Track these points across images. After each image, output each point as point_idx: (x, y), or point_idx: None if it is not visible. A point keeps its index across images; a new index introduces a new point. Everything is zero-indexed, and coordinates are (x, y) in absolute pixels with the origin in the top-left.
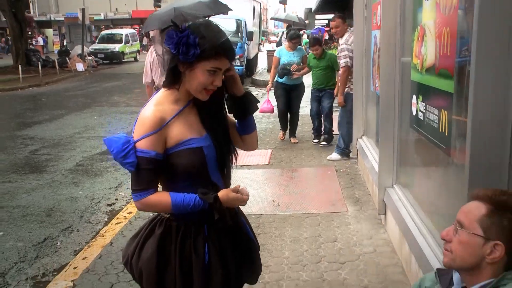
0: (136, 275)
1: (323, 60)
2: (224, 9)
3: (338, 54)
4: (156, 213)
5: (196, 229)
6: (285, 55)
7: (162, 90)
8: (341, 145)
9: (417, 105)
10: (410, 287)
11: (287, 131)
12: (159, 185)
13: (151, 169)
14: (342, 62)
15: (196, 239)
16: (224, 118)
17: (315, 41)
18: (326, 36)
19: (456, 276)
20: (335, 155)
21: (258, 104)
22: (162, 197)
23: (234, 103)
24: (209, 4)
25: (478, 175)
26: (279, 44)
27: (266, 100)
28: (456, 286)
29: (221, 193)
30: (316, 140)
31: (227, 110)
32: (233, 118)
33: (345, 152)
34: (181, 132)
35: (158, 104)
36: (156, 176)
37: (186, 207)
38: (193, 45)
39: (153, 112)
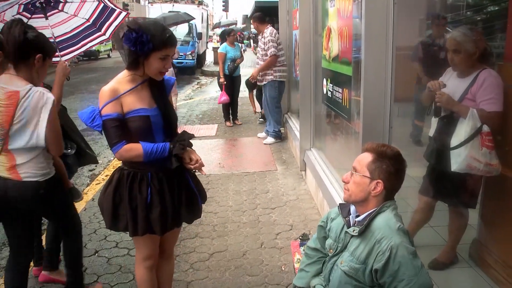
0: (101, 211)
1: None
2: (191, 18)
3: (263, 46)
4: (118, 166)
5: (141, 175)
6: (230, 50)
7: (124, 71)
8: (273, 128)
9: (326, 86)
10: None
11: (230, 116)
12: None
13: (117, 126)
14: (270, 51)
15: (141, 183)
16: (167, 96)
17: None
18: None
19: (352, 208)
20: (270, 139)
21: (217, 98)
22: (135, 146)
23: None
24: (183, 15)
25: (368, 137)
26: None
27: (223, 92)
28: (352, 214)
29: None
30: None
31: None
32: None
33: (278, 134)
34: (132, 102)
35: (116, 82)
36: (122, 131)
37: (154, 153)
38: (146, 42)
39: (109, 87)
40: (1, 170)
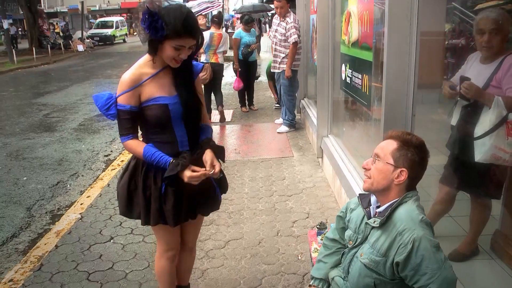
0: (117, 197)
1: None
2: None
3: (283, 31)
4: None
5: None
6: (245, 36)
7: (146, 55)
8: (287, 117)
9: (345, 72)
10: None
11: (246, 101)
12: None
13: (128, 119)
14: (292, 38)
15: (157, 173)
16: (192, 83)
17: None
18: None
19: (373, 198)
20: (283, 128)
21: (231, 83)
22: (138, 146)
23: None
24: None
25: (390, 125)
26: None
27: (237, 78)
28: (373, 205)
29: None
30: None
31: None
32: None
33: (292, 123)
34: (152, 91)
35: (137, 67)
36: (133, 124)
37: (151, 162)
38: (160, 28)
39: (130, 75)
40: (212, 59)
